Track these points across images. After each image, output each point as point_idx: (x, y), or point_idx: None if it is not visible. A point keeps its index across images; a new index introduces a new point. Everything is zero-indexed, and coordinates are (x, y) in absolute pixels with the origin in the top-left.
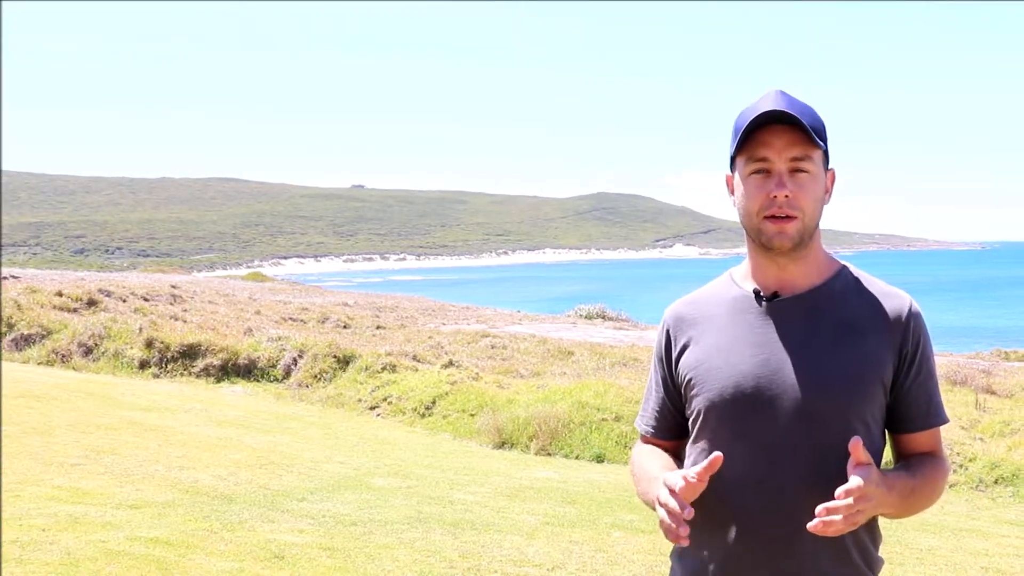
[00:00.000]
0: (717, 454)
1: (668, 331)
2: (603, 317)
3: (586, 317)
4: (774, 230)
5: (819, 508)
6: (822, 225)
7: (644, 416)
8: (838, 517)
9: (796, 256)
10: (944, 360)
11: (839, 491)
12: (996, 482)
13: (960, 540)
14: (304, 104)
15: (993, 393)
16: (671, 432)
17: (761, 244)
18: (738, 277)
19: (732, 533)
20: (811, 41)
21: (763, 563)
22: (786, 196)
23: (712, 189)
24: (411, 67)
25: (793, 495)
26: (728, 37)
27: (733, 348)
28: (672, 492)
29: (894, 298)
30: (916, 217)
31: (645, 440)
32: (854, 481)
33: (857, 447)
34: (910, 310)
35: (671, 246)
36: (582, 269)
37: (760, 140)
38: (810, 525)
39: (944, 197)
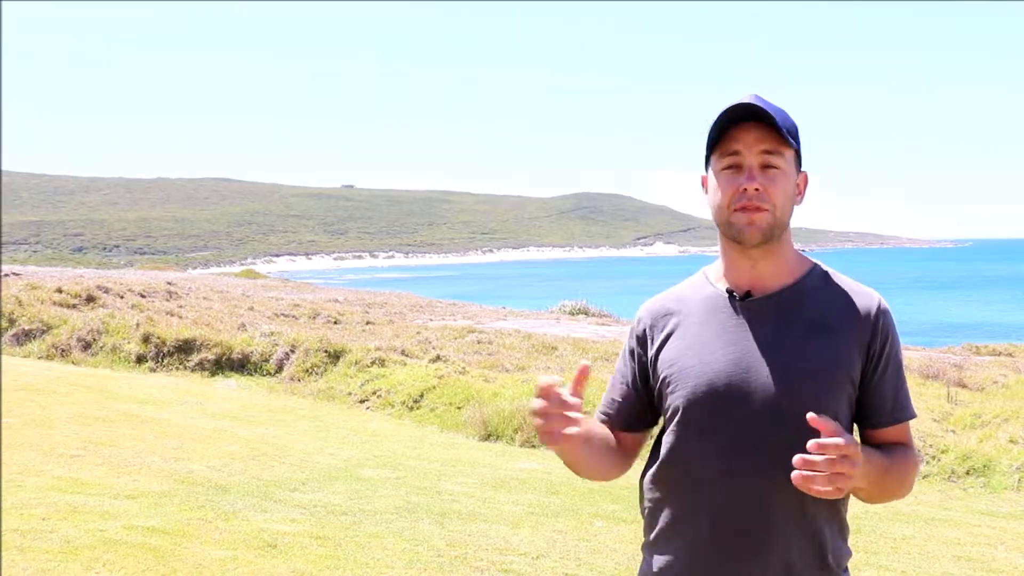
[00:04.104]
0: (584, 363)
1: (643, 327)
2: (585, 313)
3: (569, 313)
4: (744, 222)
5: (796, 459)
6: (796, 224)
7: (603, 403)
8: (819, 473)
9: (767, 251)
10: (917, 355)
11: (811, 444)
12: (967, 473)
13: (933, 529)
14: (296, 106)
15: (964, 387)
16: (625, 423)
17: (732, 238)
18: (712, 276)
19: (702, 527)
20: (786, 42)
21: (732, 557)
22: (756, 189)
23: (691, 189)
24: (399, 70)
25: (762, 490)
26: (706, 39)
27: (706, 347)
28: (544, 389)
29: (863, 296)
30: (890, 215)
31: None
32: (832, 439)
33: (819, 421)
34: (878, 308)
35: (651, 244)
36: (565, 267)
37: (732, 136)
38: (793, 475)
39: (918, 196)
